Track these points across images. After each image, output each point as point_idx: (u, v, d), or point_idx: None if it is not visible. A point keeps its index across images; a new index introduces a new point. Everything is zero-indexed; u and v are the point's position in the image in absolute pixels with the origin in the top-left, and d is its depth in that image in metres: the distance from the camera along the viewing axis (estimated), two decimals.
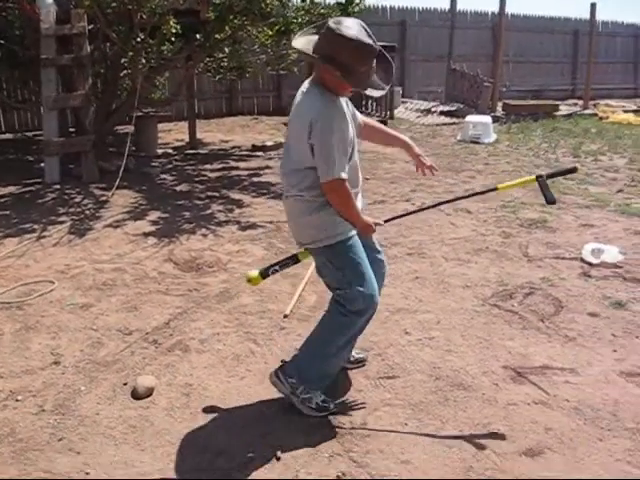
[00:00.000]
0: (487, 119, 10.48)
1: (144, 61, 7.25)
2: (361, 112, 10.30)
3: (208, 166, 8.50)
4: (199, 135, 10.29)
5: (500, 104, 12.67)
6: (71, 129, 9.20)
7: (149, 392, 3.45)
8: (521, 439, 3.09)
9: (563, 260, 5.38)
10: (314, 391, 3.22)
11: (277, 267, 3.35)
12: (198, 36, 7.44)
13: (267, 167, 8.68)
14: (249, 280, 3.37)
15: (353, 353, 3.59)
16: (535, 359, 3.81)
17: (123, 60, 8.06)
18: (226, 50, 7.59)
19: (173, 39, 6.93)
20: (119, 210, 6.66)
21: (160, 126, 11.01)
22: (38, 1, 7.73)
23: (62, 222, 6.29)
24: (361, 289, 3.08)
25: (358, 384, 3.53)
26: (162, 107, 9.52)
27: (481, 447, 3.03)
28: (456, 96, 12.92)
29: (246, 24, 7.16)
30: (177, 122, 11.26)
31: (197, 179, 7.95)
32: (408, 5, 14.06)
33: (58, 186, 7.50)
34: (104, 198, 7.04)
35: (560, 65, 15.57)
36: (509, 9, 15.03)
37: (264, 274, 3.33)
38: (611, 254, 5.33)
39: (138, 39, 7.15)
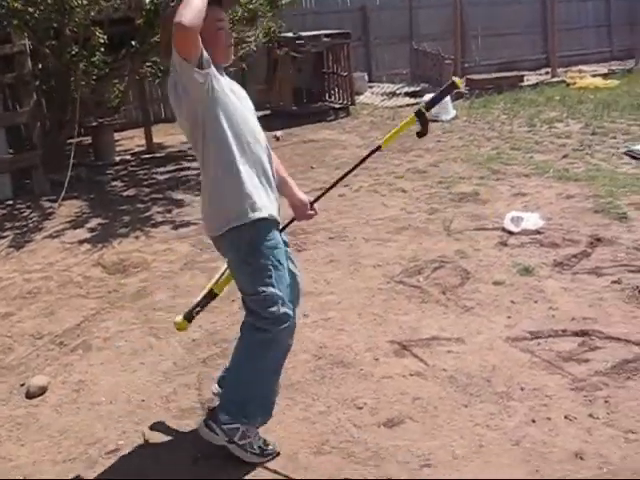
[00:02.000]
0: None
1: (82, 73, 7.32)
2: (322, 102, 10.32)
3: (161, 169, 8.57)
4: (161, 139, 10.37)
5: (464, 80, 12.61)
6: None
7: (41, 391, 3.59)
8: (385, 410, 3.15)
9: (484, 231, 5.40)
10: (252, 432, 2.83)
11: (199, 308, 3.03)
12: (133, 43, 7.51)
13: None
14: (177, 327, 3.07)
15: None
16: (425, 332, 3.86)
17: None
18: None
19: (103, 49, 7.00)
20: (62, 220, 6.75)
21: (123, 133, 11.13)
22: None
23: (5, 237, 6.38)
24: (274, 291, 2.69)
25: None
26: (113, 115, 9.58)
27: (342, 421, 3.09)
28: (420, 76, 12.89)
29: None
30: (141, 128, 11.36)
31: (146, 183, 8.03)
32: None
33: (11, 202, 7.62)
34: (50, 210, 7.14)
35: (531, 35, 15.43)
36: None
37: (189, 317, 3.02)
38: (531, 221, 5.35)
39: (72, 52, 7.23)
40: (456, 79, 3.21)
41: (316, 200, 3.18)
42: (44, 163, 7.97)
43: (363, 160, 3.48)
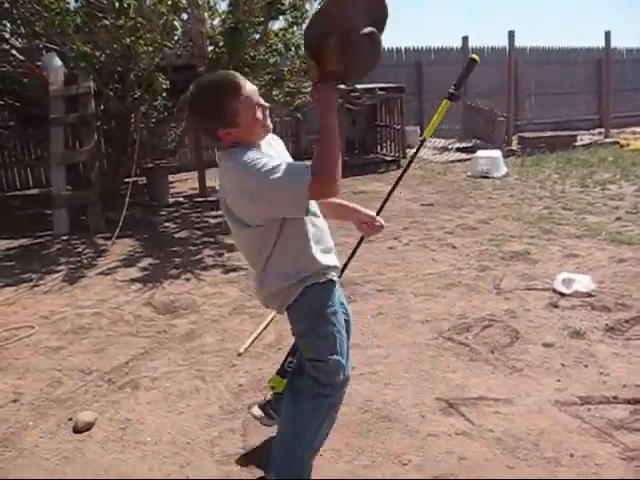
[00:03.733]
0: (496, 153, 10.48)
1: (142, 116, 7.59)
2: (374, 153, 10.47)
3: (213, 212, 8.74)
4: (214, 183, 10.60)
5: (516, 138, 12.65)
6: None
7: (88, 426, 3.64)
8: (430, 468, 3.11)
9: (534, 291, 5.34)
10: None
11: (289, 361, 2.99)
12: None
13: None
14: (273, 388, 3.07)
15: None
16: (472, 391, 3.81)
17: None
18: None
19: (164, 94, 7.25)
20: (115, 258, 6.92)
21: (178, 176, 11.43)
22: (46, 64, 8.21)
23: (59, 271, 6.57)
24: (339, 359, 2.69)
25: None
26: (168, 158, 9.87)
27: (386, 476, 3.06)
28: (472, 132, 12.96)
29: None
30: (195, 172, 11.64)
31: (198, 225, 8.20)
32: (423, 45, 14.28)
33: (66, 237, 7.84)
34: (104, 247, 7.33)
35: (584, 95, 15.44)
36: (528, 43, 15.15)
37: (282, 373, 3.01)
38: (583, 283, 5.28)
39: (135, 95, 7.50)
40: (474, 55, 3.28)
41: (379, 211, 3.28)
42: (100, 201, 8.23)
43: (413, 158, 3.45)
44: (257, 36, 7.33)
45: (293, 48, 7.84)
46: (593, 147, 12.47)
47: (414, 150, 3.44)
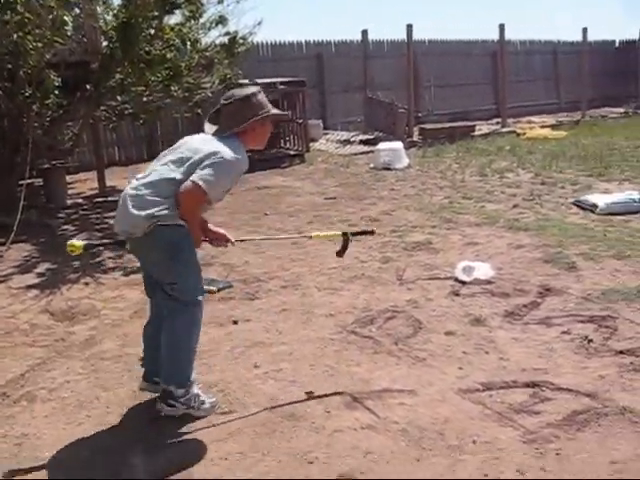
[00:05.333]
0: (397, 145, 10.64)
1: (35, 115, 7.26)
2: (278, 148, 10.40)
3: (113, 213, 8.45)
4: (115, 182, 10.28)
5: (417, 129, 12.89)
6: None
7: None
8: (336, 465, 3.09)
9: (436, 281, 5.45)
10: (202, 395, 3.56)
11: (102, 247, 3.95)
12: (88, 87, 7.49)
13: None
14: (72, 248, 3.53)
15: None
16: (376, 383, 3.84)
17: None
18: (118, 98, 7.65)
19: (57, 92, 6.96)
20: (9, 264, 6.59)
21: (77, 176, 11.02)
22: None
23: None
24: (194, 282, 3.47)
25: (192, 422, 3.51)
26: (65, 158, 9.50)
27: (294, 477, 3.03)
28: (374, 124, 13.12)
29: (129, 72, 7.24)
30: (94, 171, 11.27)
31: (98, 227, 7.93)
32: (324, 39, 14.34)
33: None
34: None
35: (482, 86, 15.91)
36: (427, 36, 15.46)
37: (88, 248, 3.63)
38: (482, 270, 5.42)
39: (26, 94, 7.16)
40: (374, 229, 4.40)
41: (247, 240, 4.24)
42: None
43: (289, 238, 4.92)
44: (152, 31, 7.13)
45: (190, 43, 7.69)
46: (491, 136, 12.87)
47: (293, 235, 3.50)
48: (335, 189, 9.35)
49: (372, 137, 12.62)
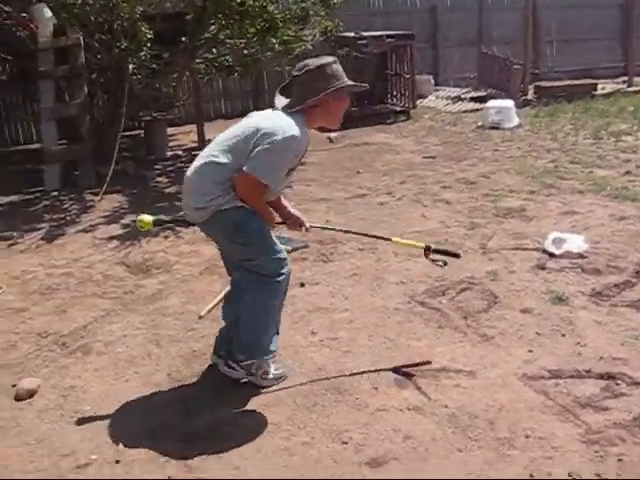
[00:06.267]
0: (508, 103, 9.99)
1: (132, 67, 7.32)
2: (384, 104, 10.04)
3: None
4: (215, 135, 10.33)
5: (533, 87, 12.08)
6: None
7: (30, 394, 3.50)
8: (371, 448, 2.89)
9: (523, 251, 5.04)
10: (266, 363, 3.36)
11: (171, 223, 3.99)
12: (183, 39, 7.44)
13: None
14: (141, 223, 3.49)
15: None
16: (435, 361, 3.57)
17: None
18: (214, 51, 7.55)
19: (150, 44, 6.95)
20: (99, 215, 6.74)
21: (182, 128, 11.14)
22: (37, 15, 7.91)
23: (41, 229, 6.40)
24: (272, 256, 3.23)
25: (235, 387, 3.40)
26: (167, 110, 9.60)
27: (322, 455, 2.85)
28: (488, 81, 12.41)
29: (223, 25, 7.11)
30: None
31: None
32: None
33: (56, 193, 7.67)
34: (91, 204, 7.14)
35: (609, 41, 14.66)
36: None
37: (157, 223, 3.54)
38: (575, 243, 4.95)
39: (122, 46, 7.21)
40: (461, 253, 3.81)
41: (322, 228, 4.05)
42: (95, 156, 8.02)
43: (368, 235, 4.34)
44: None
45: None
46: (614, 96, 11.84)
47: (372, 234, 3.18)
48: (436, 148, 8.92)
49: (484, 94, 11.95)
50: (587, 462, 2.71)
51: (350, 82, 3.23)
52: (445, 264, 3.52)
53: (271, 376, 3.38)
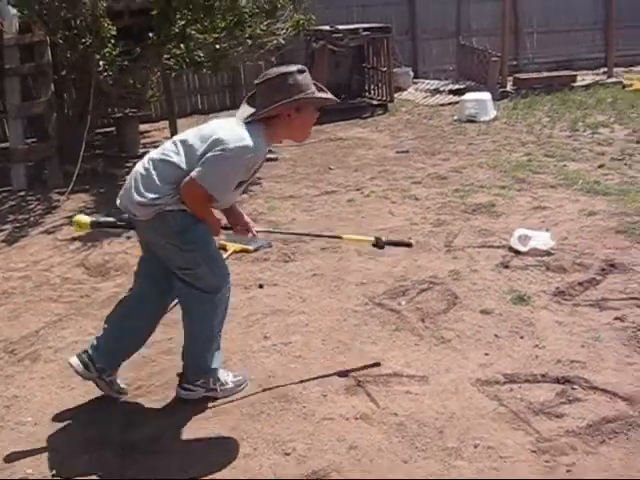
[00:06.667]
0: (484, 96, 9.87)
1: (96, 64, 7.16)
2: (361, 97, 9.88)
3: None
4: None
5: (511, 79, 11.97)
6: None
7: None
8: (313, 460, 2.80)
9: (488, 249, 4.95)
10: (221, 373, 3.28)
11: (109, 227, 3.49)
12: (150, 35, 7.27)
13: None
14: (78, 224, 3.29)
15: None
16: (388, 365, 3.48)
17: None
18: (182, 46, 7.40)
19: (114, 41, 6.78)
20: (63, 215, 6.59)
21: (157, 124, 11.00)
22: (2, 12, 7.76)
23: (3, 230, 6.26)
24: (213, 269, 3.11)
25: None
26: (138, 106, 9.45)
27: (263, 468, 2.76)
28: (466, 73, 12.28)
29: (190, 20, 6.97)
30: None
31: None
32: None
33: (23, 193, 7.52)
34: (56, 204, 7.00)
35: (590, 32, 14.54)
36: None
37: (94, 225, 3.29)
38: (541, 240, 4.86)
39: (87, 43, 7.04)
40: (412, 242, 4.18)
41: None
42: (62, 154, 7.87)
43: (317, 236, 4.60)
44: None
45: None
46: (593, 88, 11.74)
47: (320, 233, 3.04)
48: (411, 142, 8.80)
49: (463, 86, 11.82)
50: (535, 473, 2.63)
51: (316, 94, 2.99)
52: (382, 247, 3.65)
53: (230, 385, 3.28)
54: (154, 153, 3.06)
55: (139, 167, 3.05)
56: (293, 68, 2.98)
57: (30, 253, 5.60)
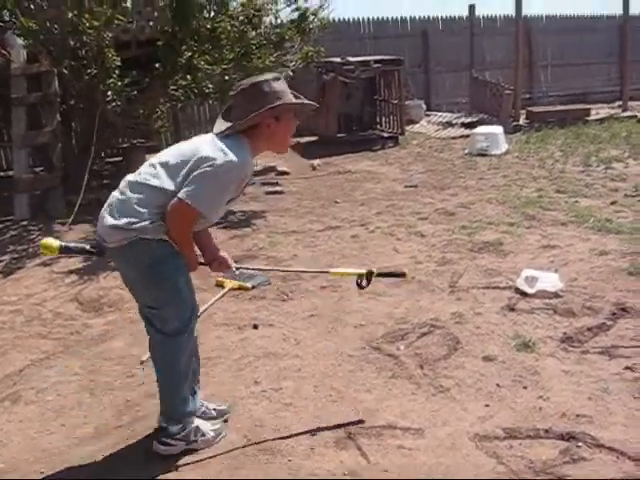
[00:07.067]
0: (496, 129, 9.74)
1: (102, 94, 7.12)
2: (373, 130, 9.80)
3: None
4: None
5: (524, 112, 11.84)
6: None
7: None
8: None
9: (494, 290, 4.75)
10: (203, 425, 3.11)
11: (78, 253, 3.38)
12: (157, 65, 7.23)
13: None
14: (45, 247, 3.04)
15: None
16: (382, 417, 3.28)
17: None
18: (188, 77, 7.33)
19: (117, 72, 6.74)
20: None
21: None
22: (10, 42, 7.76)
23: (1, 261, 6.16)
24: (177, 310, 2.93)
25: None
26: (146, 137, 9.41)
27: None
28: (479, 106, 12.18)
29: (196, 51, 6.90)
30: None
31: None
32: (430, 15, 13.40)
33: (25, 223, 7.44)
34: (57, 234, 6.89)
35: (605, 66, 14.43)
36: (546, 11, 14.21)
37: (63, 250, 3.07)
38: (549, 282, 4.66)
39: (92, 73, 7.01)
40: (406, 272, 3.71)
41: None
42: (67, 184, 7.80)
43: (303, 271, 4.49)
44: (215, 7, 6.76)
45: (256, 19, 7.23)
46: (608, 121, 11.57)
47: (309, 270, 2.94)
48: (420, 176, 8.66)
49: (475, 120, 11.72)
50: None
51: (293, 100, 2.89)
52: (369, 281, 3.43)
53: (209, 436, 3.10)
54: (131, 176, 2.90)
55: (116, 192, 2.91)
56: (269, 76, 2.90)
57: (25, 286, 5.47)
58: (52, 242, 3.05)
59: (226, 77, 7.97)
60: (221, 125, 2.90)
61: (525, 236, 5.87)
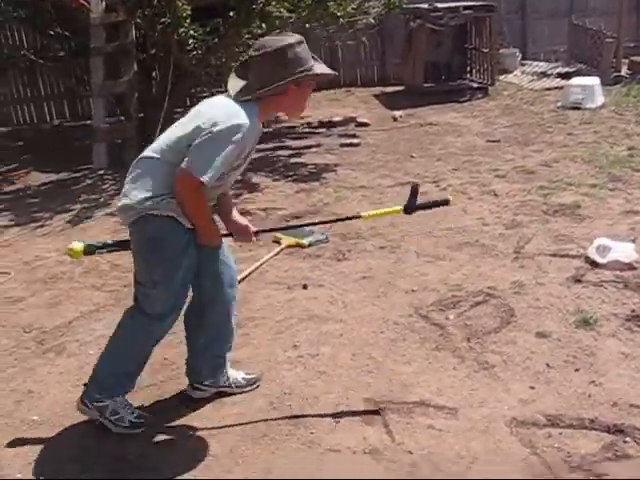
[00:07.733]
0: (592, 81, 9.05)
1: (177, 44, 7.07)
2: (462, 79, 9.35)
3: (260, 146, 8.16)
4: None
5: (627, 62, 10.96)
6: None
7: None
8: None
9: (562, 258, 4.42)
10: (123, 409, 2.96)
11: (104, 250, 3.15)
12: (231, 13, 7.09)
13: (315, 145, 8.15)
14: (71, 252, 3.00)
15: (243, 375, 3.18)
16: (416, 392, 3.11)
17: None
18: (263, 26, 7.16)
19: (188, 21, 6.64)
20: None
21: None
22: None
23: (72, 210, 6.29)
24: (166, 295, 2.84)
25: (192, 407, 3.09)
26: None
27: None
28: (578, 55, 11.36)
29: None
30: None
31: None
32: None
33: (102, 172, 7.57)
34: None
35: None
36: None
37: (88, 251, 3.00)
38: (623, 252, 4.28)
39: (165, 22, 6.94)
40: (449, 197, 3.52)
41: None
42: (144, 134, 7.86)
43: (334, 221, 3.97)
44: None
45: None
46: None
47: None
48: (505, 130, 8.20)
49: (573, 70, 10.95)
50: None
51: (316, 69, 2.73)
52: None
53: (126, 422, 2.94)
54: (148, 150, 2.80)
55: (130, 169, 2.81)
56: (292, 40, 2.70)
57: (89, 236, 5.53)
58: (77, 246, 2.98)
59: (307, 25, 7.79)
60: (236, 83, 2.74)
61: (607, 199, 5.43)
